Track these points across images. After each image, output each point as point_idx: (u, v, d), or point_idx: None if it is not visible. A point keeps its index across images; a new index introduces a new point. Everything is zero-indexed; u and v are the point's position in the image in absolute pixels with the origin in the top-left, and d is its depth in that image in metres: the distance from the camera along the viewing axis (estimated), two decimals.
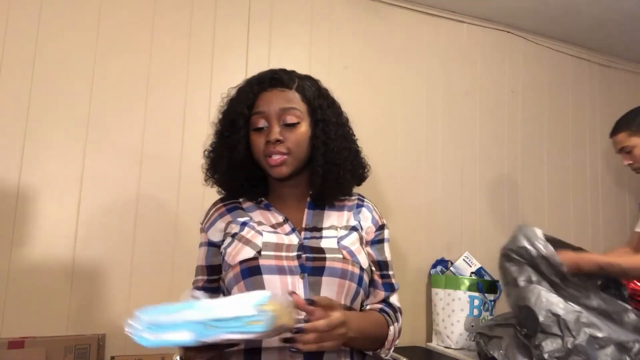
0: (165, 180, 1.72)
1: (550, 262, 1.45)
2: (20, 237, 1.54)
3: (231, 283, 0.93)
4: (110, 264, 1.62)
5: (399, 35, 2.19)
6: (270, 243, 0.94)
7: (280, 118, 0.96)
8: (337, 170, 0.98)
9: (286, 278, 0.90)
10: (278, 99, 0.97)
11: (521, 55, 2.47)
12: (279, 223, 1.00)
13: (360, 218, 1.05)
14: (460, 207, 2.23)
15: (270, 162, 0.95)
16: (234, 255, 0.94)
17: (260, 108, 0.96)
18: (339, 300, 0.92)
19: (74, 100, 1.64)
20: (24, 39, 1.60)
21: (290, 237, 0.97)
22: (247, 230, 0.97)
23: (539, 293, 1.43)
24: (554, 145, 2.50)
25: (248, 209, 1.03)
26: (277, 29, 1.96)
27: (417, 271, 2.09)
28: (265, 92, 0.98)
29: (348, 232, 1.01)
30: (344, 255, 0.95)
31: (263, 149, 0.96)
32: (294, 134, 0.96)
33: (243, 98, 0.98)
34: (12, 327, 1.49)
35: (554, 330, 1.38)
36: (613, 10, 2.20)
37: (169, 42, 1.79)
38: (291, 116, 0.96)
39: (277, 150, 0.94)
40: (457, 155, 2.26)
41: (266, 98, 0.97)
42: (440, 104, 2.25)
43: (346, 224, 1.02)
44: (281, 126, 0.95)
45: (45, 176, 1.58)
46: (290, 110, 0.96)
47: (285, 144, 0.95)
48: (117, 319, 1.61)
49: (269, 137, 0.94)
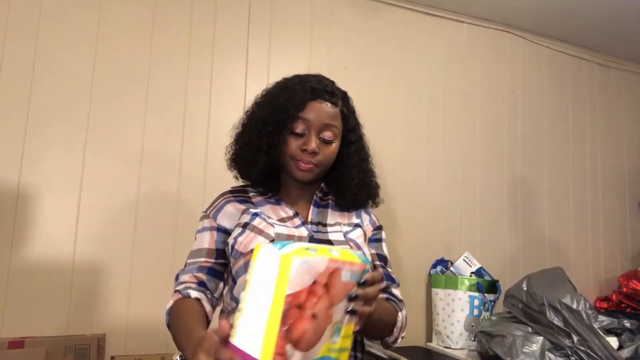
0: (165, 180, 1.73)
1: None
2: (20, 237, 1.54)
3: (240, 271, 0.95)
4: (110, 263, 1.62)
5: (399, 35, 2.19)
6: (282, 234, 0.97)
7: (320, 132, 0.99)
8: (367, 189, 1.08)
9: None
10: (324, 113, 0.99)
11: (521, 55, 2.47)
12: (289, 217, 1.03)
13: (361, 217, 1.12)
14: (460, 207, 2.23)
15: (300, 165, 0.99)
16: (246, 244, 0.95)
17: (307, 116, 0.98)
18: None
19: (74, 100, 1.64)
20: (24, 39, 1.61)
21: (300, 229, 1.00)
22: (259, 221, 0.98)
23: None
24: (553, 145, 2.50)
25: (258, 203, 1.06)
26: (277, 29, 1.96)
27: (417, 271, 2.09)
28: (315, 102, 0.99)
29: (353, 228, 1.06)
30: (351, 246, 1.00)
31: (295, 153, 0.99)
32: (328, 150, 1.01)
33: (296, 101, 0.99)
34: (12, 327, 1.49)
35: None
36: (613, 10, 2.20)
37: (169, 42, 1.79)
38: (330, 133, 1.00)
39: (309, 160, 0.99)
40: (457, 155, 2.26)
41: (315, 108, 0.99)
42: (440, 103, 2.25)
43: (349, 222, 1.08)
44: (318, 138, 0.99)
45: (45, 176, 1.58)
46: (332, 127, 1.00)
47: (318, 157, 0.99)
48: (117, 319, 1.61)
49: (308, 146, 0.98)
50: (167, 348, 1.60)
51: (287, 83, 1.04)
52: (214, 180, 1.76)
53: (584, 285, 2.28)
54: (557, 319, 1.45)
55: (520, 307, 1.56)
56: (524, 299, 1.54)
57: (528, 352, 1.44)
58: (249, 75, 1.88)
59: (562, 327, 1.44)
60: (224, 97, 1.84)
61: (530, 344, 1.47)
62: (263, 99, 1.06)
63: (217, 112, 1.82)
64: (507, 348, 1.48)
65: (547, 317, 1.46)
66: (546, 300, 1.47)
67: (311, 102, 0.99)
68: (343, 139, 1.05)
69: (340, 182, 1.07)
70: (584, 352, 1.38)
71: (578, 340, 1.41)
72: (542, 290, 1.51)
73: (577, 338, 1.40)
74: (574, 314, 1.43)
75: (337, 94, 1.04)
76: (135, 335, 1.61)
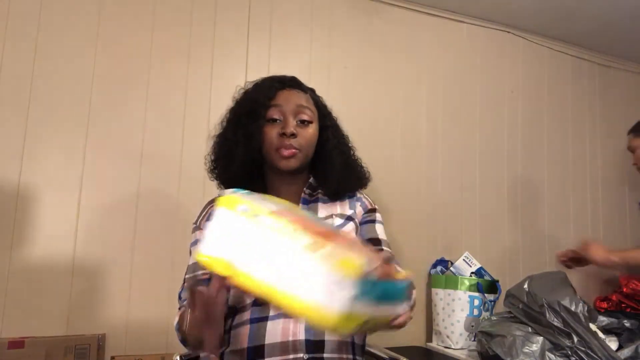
0: (165, 180, 1.72)
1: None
2: (20, 237, 1.54)
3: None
4: (110, 264, 1.62)
5: (399, 35, 2.19)
6: None
7: (296, 115, 1.02)
8: (351, 170, 1.08)
9: None
10: (295, 97, 1.03)
11: (521, 55, 2.47)
12: None
13: (355, 206, 1.10)
14: (461, 207, 2.23)
15: (282, 152, 0.99)
16: None
17: (279, 102, 1.01)
18: None
19: (74, 100, 1.64)
20: (24, 39, 1.61)
21: None
22: None
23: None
24: (553, 145, 2.50)
25: None
26: (277, 29, 1.96)
27: (417, 271, 2.09)
28: (284, 90, 1.04)
29: (344, 222, 1.04)
30: None
31: (276, 141, 1.00)
32: (307, 132, 1.02)
33: (264, 91, 1.03)
34: (12, 327, 1.48)
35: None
36: (613, 11, 2.20)
37: (169, 42, 1.79)
38: (306, 115, 1.02)
39: (290, 144, 0.99)
40: (457, 155, 2.26)
41: (285, 95, 1.03)
42: (440, 103, 2.25)
43: (342, 212, 1.06)
44: (296, 122, 1.01)
45: (45, 176, 1.58)
46: (305, 109, 1.03)
47: (298, 139, 1.00)
48: (117, 319, 1.61)
49: (285, 129, 0.99)
50: (167, 348, 1.61)
51: (257, 82, 1.09)
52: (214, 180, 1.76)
53: (584, 286, 2.28)
54: (557, 320, 1.45)
55: (521, 307, 1.56)
56: (525, 299, 1.54)
57: (528, 352, 1.44)
58: (249, 75, 1.88)
59: (561, 327, 1.44)
60: (224, 97, 1.83)
61: (530, 344, 1.46)
62: (234, 102, 1.11)
63: (217, 112, 1.81)
64: (507, 348, 1.48)
65: (547, 318, 1.46)
66: (545, 301, 1.47)
67: (281, 91, 1.03)
68: (320, 126, 1.07)
69: (324, 168, 1.07)
70: (584, 353, 1.38)
71: (578, 340, 1.41)
72: (542, 291, 1.51)
73: (577, 338, 1.40)
74: (573, 316, 1.44)
75: (305, 86, 1.09)
76: (135, 335, 1.61)
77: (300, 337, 0.89)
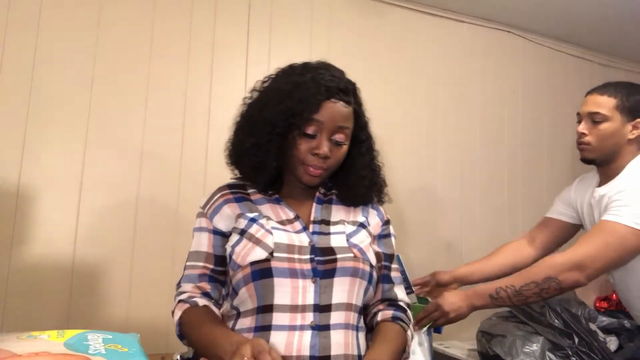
0: (165, 180, 1.72)
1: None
2: (20, 237, 1.54)
3: (240, 284, 0.92)
4: (110, 264, 1.62)
5: (399, 35, 2.19)
6: (281, 244, 0.92)
7: (333, 134, 0.95)
8: (376, 188, 1.06)
9: (297, 282, 0.90)
10: (338, 114, 0.94)
11: (521, 55, 2.47)
12: (289, 220, 0.99)
13: (368, 214, 1.07)
14: (460, 207, 2.23)
15: (309, 170, 0.95)
16: (244, 256, 0.92)
17: (320, 118, 0.93)
18: (351, 300, 0.93)
19: (74, 100, 1.64)
20: (24, 39, 1.60)
21: (300, 236, 0.96)
22: (257, 229, 0.94)
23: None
24: (554, 145, 2.50)
25: (257, 201, 1.01)
26: (277, 29, 1.96)
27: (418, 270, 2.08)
28: (329, 101, 0.93)
29: (356, 229, 1.02)
30: (354, 253, 0.96)
31: (305, 156, 0.94)
32: (339, 152, 0.97)
33: (311, 102, 0.92)
34: (12, 326, 1.48)
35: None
36: (613, 10, 2.20)
37: (169, 43, 1.79)
38: (343, 135, 0.96)
39: (319, 165, 0.94)
40: (457, 155, 2.26)
41: (328, 109, 0.93)
42: (440, 103, 2.25)
43: (354, 219, 1.04)
44: (330, 140, 0.95)
45: (45, 176, 1.58)
46: (344, 129, 0.96)
47: (329, 160, 0.95)
48: (117, 319, 1.61)
49: (319, 150, 0.93)
50: (167, 348, 1.60)
51: (298, 80, 0.95)
52: (214, 180, 1.75)
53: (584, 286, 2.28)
54: (558, 321, 1.46)
55: (521, 307, 1.56)
56: None
57: (528, 352, 1.44)
58: (249, 75, 1.88)
59: (562, 328, 1.44)
60: (224, 97, 1.84)
61: (531, 344, 1.46)
62: (271, 95, 0.98)
63: (217, 112, 1.82)
64: (507, 348, 1.48)
65: (547, 319, 1.46)
66: (546, 301, 1.48)
67: (325, 102, 0.93)
68: (353, 138, 1.01)
69: (348, 180, 1.03)
70: (585, 353, 1.38)
71: (579, 341, 1.41)
72: None
73: (577, 339, 1.41)
74: (573, 317, 1.44)
75: (350, 89, 0.99)
76: None
77: (304, 353, 0.86)
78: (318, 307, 0.89)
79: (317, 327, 0.88)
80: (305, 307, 0.89)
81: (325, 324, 0.89)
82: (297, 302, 0.89)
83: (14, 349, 0.62)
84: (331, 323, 0.90)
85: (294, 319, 0.88)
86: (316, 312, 0.89)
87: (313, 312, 0.89)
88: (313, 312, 0.89)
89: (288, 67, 1.02)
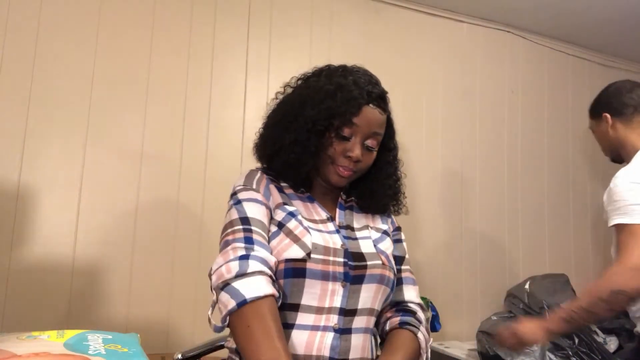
0: (165, 180, 1.72)
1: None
2: (20, 237, 1.54)
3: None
4: (110, 263, 1.62)
5: (399, 35, 2.19)
6: (319, 246, 0.91)
7: (367, 138, 0.96)
8: (395, 198, 1.08)
9: (327, 284, 0.90)
10: (374, 120, 0.96)
11: (521, 55, 2.47)
12: (323, 220, 0.98)
13: (387, 222, 1.10)
14: (460, 207, 2.23)
15: (339, 170, 0.95)
16: (280, 251, 0.90)
17: (358, 122, 0.94)
18: (374, 305, 0.94)
19: (74, 100, 1.64)
20: (24, 39, 1.60)
21: (334, 237, 0.95)
22: (295, 225, 0.93)
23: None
24: (554, 145, 2.50)
25: (291, 196, 1.00)
26: (277, 29, 1.96)
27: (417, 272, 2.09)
28: (369, 106, 0.95)
29: (381, 236, 1.04)
30: (382, 260, 0.97)
31: (337, 157, 0.95)
32: (369, 157, 0.98)
33: (353, 105, 0.93)
34: (12, 326, 1.48)
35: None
36: (613, 10, 2.20)
37: (169, 42, 1.79)
38: (375, 141, 0.98)
39: (350, 167, 0.95)
40: (457, 155, 2.26)
41: (367, 114, 0.95)
42: (440, 103, 2.25)
43: (377, 226, 1.06)
44: (362, 144, 0.96)
45: (45, 176, 1.58)
46: (378, 136, 0.98)
47: (359, 164, 0.96)
48: (117, 318, 1.61)
49: (352, 153, 0.94)
50: (167, 348, 1.60)
51: (341, 81, 0.96)
52: (214, 180, 1.76)
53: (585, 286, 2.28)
54: None
55: (521, 307, 1.56)
56: (526, 299, 1.54)
57: (528, 352, 1.44)
58: (249, 75, 1.88)
59: None
60: (224, 97, 1.84)
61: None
62: (312, 93, 0.97)
63: (217, 112, 1.82)
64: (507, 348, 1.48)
65: None
66: (545, 303, 1.48)
67: (366, 107, 0.94)
68: (382, 146, 1.02)
69: (371, 188, 1.04)
70: (585, 353, 1.39)
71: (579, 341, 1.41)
72: (543, 293, 1.52)
73: (577, 339, 1.41)
74: None
75: (386, 97, 1.01)
76: None
77: (324, 354, 0.86)
78: (343, 311, 0.90)
79: (340, 330, 0.89)
80: (331, 309, 0.89)
81: (347, 327, 0.90)
82: (324, 304, 0.89)
83: (14, 349, 0.62)
84: (353, 327, 0.91)
85: (318, 320, 0.88)
86: (341, 315, 0.90)
87: (338, 315, 0.89)
88: (338, 315, 0.89)
89: (327, 68, 1.03)
